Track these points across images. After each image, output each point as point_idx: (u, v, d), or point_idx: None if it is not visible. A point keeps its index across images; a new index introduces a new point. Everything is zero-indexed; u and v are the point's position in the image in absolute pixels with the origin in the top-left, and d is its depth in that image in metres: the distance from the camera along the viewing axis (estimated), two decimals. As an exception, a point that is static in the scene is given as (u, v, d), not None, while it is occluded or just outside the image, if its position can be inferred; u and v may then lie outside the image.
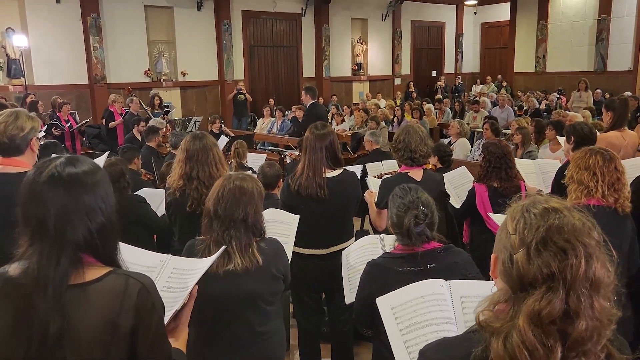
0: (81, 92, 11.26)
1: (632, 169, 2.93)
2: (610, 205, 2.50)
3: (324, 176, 3.11)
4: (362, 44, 16.47)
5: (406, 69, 17.72)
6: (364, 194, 3.47)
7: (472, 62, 19.60)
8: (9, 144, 2.52)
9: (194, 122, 10.22)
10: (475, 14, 19.39)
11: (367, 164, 5.00)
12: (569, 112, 8.57)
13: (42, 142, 2.79)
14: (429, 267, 2.05)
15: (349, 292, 2.50)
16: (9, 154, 2.54)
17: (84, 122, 9.18)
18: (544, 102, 12.21)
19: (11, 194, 2.41)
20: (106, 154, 4.43)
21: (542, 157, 5.48)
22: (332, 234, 3.23)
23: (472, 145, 7.75)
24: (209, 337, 2.25)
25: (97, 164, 1.38)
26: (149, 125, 6.46)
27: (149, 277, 1.38)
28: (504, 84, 16.22)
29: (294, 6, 14.60)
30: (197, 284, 1.60)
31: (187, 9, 12.60)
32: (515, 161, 3.76)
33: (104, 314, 1.27)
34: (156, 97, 10.34)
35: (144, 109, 9.23)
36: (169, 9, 12.41)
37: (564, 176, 2.66)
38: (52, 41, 10.74)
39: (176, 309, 1.52)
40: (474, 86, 17.11)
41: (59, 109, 8.66)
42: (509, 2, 16.69)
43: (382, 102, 13.63)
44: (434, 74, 18.48)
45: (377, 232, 3.68)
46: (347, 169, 3.35)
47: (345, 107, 12.24)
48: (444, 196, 3.44)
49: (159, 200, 3.80)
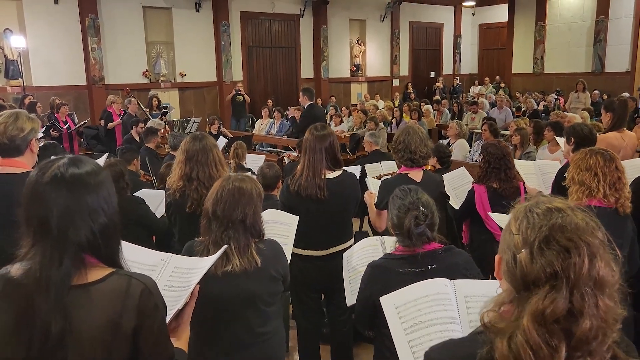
0: (79, 93, 11.24)
1: (632, 169, 2.93)
2: (611, 205, 2.51)
3: (323, 177, 3.11)
4: (360, 45, 16.48)
5: (404, 70, 17.73)
6: (364, 195, 3.47)
7: (470, 63, 19.64)
8: (9, 145, 2.53)
9: (193, 123, 10.23)
10: (473, 15, 19.43)
11: (366, 165, 5.00)
12: (567, 113, 8.58)
13: (42, 144, 2.79)
14: (429, 268, 2.05)
15: (350, 294, 2.50)
16: (8, 154, 2.55)
17: (82, 123, 9.16)
18: (542, 103, 12.24)
19: (11, 194, 2.43)
20: (105, 155, 4.42)
21: (541, 158, 5.49)
22: (332, 234, 3.23)
23: (470, 146, 7.76)
24: (209, 338, 2.25)
25: (100, 164, 1.38)
26: (148, 126, 6.45)
27: (151, 278, 1.38)
28: (502, 85, 16.23)
29: (292, 7, 14.60)
30: (198, 284, 1.60)
31: (185, 9, 12.60)
32: (515, 162, 3.76)
33: (106, 314, 1.27)
34: (154, 98, 10.32)
35: (143, 110, 9.22)
36: (167, 10, 12.40)
37: (564, 178, 2.67)
38: (50, 42, 10.72)
39: (178, 309, 1.52)
40: (472, 87, 17.13)
41: (57, 110, 8.63)
42: (507, 4, 16.72)
43: (381, 103, 13.63)
44: (432, 75, 18.50)
45: (376, 233, 3.68)
46: (347, 170, 3.35)
47: (343, 108, 12.23)
48: (444, 197, 3.44)
49: (158, 201, 3.80)
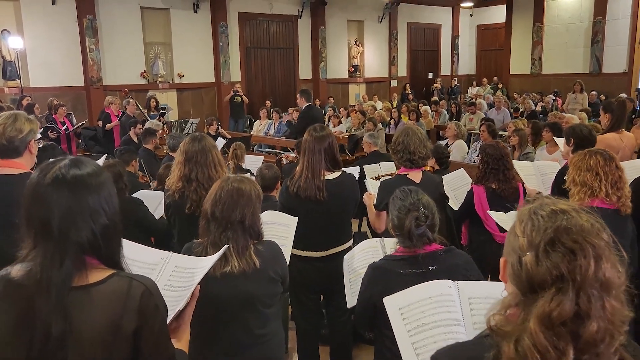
0: (77, 94, 11.22)
1: (630, 170, 2.93)
2: (613, 205, 2.51)
3: (322, 178, 3.11)
4: (358, 46, 16.48)
5: (402, 70, 17.75)
6: (363, 196, 3.47)
7: (468, 64, 19.66)
8: (8, 146, 2.54)
9: (191, 124, 10.22)
10: (471, 16, 19.46)
11: (364, 166, 5.00)
12: (565, 114, 8.60)
13: (41, 145, 2.79)
14: (430, 269, 2.05)
15: (351, 296, 2.49)
16: (7, 155, 2.55)
17: (80, 124, 9.14)
18: (540, 104, 12.25)
19: (9, 195, 2.42)
20: (104, 156, 4.41)
21: (539, 158, 5.49)
22: (331, 236, 3.22)
23: (469, 147, 7.77)
24: (208, 339, 2.24)
25: (101, 166, 1.38)
26: (146, 127, 6.42)
27: (152, 280, 1.37)
28: (500, 86, 16.25)
29: (290, 8, 14.60)
30: (198, 284, 1.59)
31: (183, 10, 12.59)
32: (514, 163, 3.76)
33: (107, 316, 1.27)
34: (152, 99, 10.32)
35: (141, 110, 9.21)
36: (165, 11, 12.39)
37: (565, 181, 2.67)
38: (48, 43, 10.70)
39: (179, 309, 1.51)
40: (470, 88, 17.13)
41: (55, 111, 8.60)
42: (505, 5, 16.74)
43: (379, 104, 13.64)
44: (430, 75, 18.51)
45: (375, 234, 3.68)
46: (346, 171, 3.35)
47: (342, 109, 12.23)
48: (443, 198, 3.44)
49: (157, 202, 3.79)
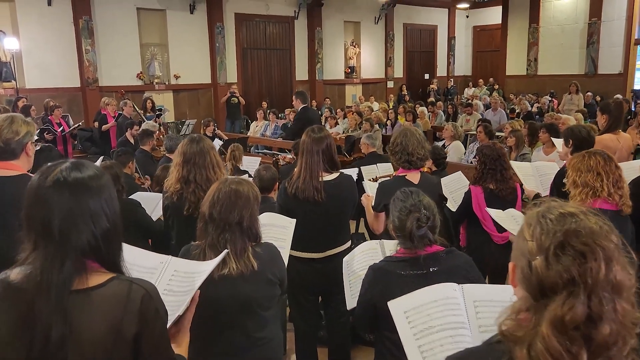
0: (73, 95, 11.17)
1: (627, 172, 2.94)
2: (614, 204, 2.52)
3: (320, 179, 3.10)
4: (355, 47, 16.49)
5: (399, 71, 17.76)
6: (361, 198, 3.46)
7: (464, 65, 19.69)
8: (4, 148, 2.54)
9: (188, 125, 10.19)
10: (467, 17, 19.49)
11: (362, 167, 4.99)
12: (561, 114, 8.62)
13: (38, 147, 2.78)
14: (431, 270, 2.05)
15: (351, 298, 2.49)
16: (3, 157, 2.56)
17: (76, 125, 9.10)
18: (536, 105, 12.28)
19: (5, 196, 2.42)
20: (100, 158, 4.40)
21: (536, 159, 5.50)
22: (329, 237, 3.22)
23: (465, 148, 7.78)
24: (206, 342, 2.23)
25: (101, 168, 1.37)
26: (143, 128, 6.39)
27: (152, 284, 1.37)
28: (496, 87, 16.29)
29: (286, 9, 14.60)
30: (198, 289, 1.58)
31: (179, 11, 12.56)
32: (512, 164, 3.77)
33: (107, 319, 1.26)
34: (148, 100, 10.29)
35: (137, 112, 9.19)
36: (161, 12, 12.36)
37: (564, 183, 2.67)
38: (44, 44, 10.65)
39: (178, 314, 1.50)
40: (466, 89, 17.17)
41: (51, 112, 8.57)
42: (501, 6, 16.79)
43: (375, 105, 13.64)
44: (427, 76, 18.52)
45: (373, 236, 3.68)
46: (344, 172, 3.34)
47: (338, 110, 12.23)
48: (441, 199, 3.44)
49: (154, 204, 3.77)
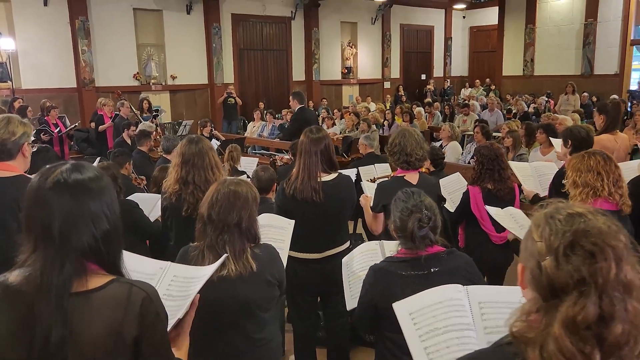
0: (69, 95, 11.14)
1: (625, 172, 2.94)
2: (615, 203, 2.52)
3: (319, 180, 3.10)
4: (351, 48, 16.50)
5: (395, 72, 17.79)
6: (359, 198, 3.46)
7: (460, 65, 19.74)
8: (0, 149, 2.52)
9: (184, 126, 10.16)
10: (464, 17, 19.54)
11: (360, 168, 4.98)
12: (558, 115, 8.64)
13: (35, 149, 2.77)
14: (432, 270, 2.05)
15: (350, 298, 2.48)
16: (0, 158, 2.53)
17: (72, 126, 9.07)
18: (533, 106, 12.31)
19: (2, 198, 2.40)
20: (97, 159, 4.38)
21: (533, 160, 5.51)
22: (328, 237, 3.21)
23: (463, 148, 7.78)
24: (205, 344, 2.22)
25: (102, 170, 1.36)
26: (141, 129, 6.36)
27: (152, 286, 1.36)
28: (493, 87, 16.32)
29: (283, 9, 14.60)
30: (198, 293, 1.57)
31: (176, 12, 12.54)
32: (511, 164, 3.77)
33: (107, 322, 1.25)
34: (145, 101, 10.24)
35: (134, 112, 9.15)
36: (158, 12, 12.34)
37: (564, 184, 2.67)
38: (40, 44, 10.62)
39: (178, 318, 1.50)
40: (463, 89, 17.21)
41: (47, 113, 8.53)
42: (497, 7, 16.82)
43: (372, 106, 13.65)
44: (423, 77, 18.56)
45: (371, 236, 3.67)
46: (342, 172, 3.34)
47: (335, 111, 12.23)
48: (440, 200, 3.44)
49: (151, 205, 3.76)
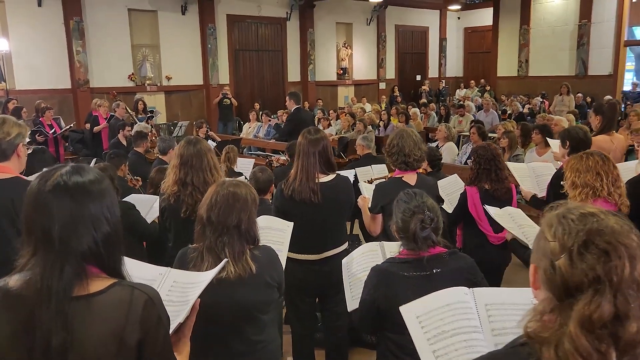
0: (64, 96, 11.08)
1: (624, 172, 2.96)
2: (614, 203, 2.53)
3: (317, 181, 3.09)
4: (347, 48, 16.51)
5: (391, 73, 17.80)
6: (357, 199, 3.45)
7: (455, 66, 19.78)
8: None
9: (180, 127, 10.13)
10: (458, 18, 19.58)
11: (357, 169, 4.97)
12: (553, 116, 8.68)
13: (30, 150, 2.75)
14: (434, 271, 2.05)
15: (351, 300, 2.48)
16: None
17: (67, 127, 9.03)
18: (527, 106, 12.35)
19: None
20: (94, 160, 4.35)
21: (529, 160, 5.53)
22: (326, 239, 3.20)
23: (458, 149, 7.80)
24: (204, 347, 2.20)
25: (102, 173, 1.35)
26: (137, 130, 6.32)
27: (154, 289, 1.35)
28: (488, 88, 16.37)
29: (278, 10, 14.59)
30: (199, 297, 1.56)
31: (171, 12, 12.51)
32: (509, 165, 3.78)
33: (109, 326, 1.24)
34: (140, 102, 10.21)
35: (130, 113, 9.12)
36: (153, 13, 12.30)
37: (562, 186, 2.68)
38: (34, 45, 10.56)
39: (179, 322, 1.49)
40: (458, 90, 17.25)
41: (42, 114, 8.48)
42: (492, 8, 16.87)
43: (368, 106, 13.67)
44: (418, 78, 18.59)
45: (368, 237, 3.67)
46: (341, 173, 3.33)
47: (331, 112, 12.23)
48: (438, 201, 3.44)
49: (148, 206, 3.74)
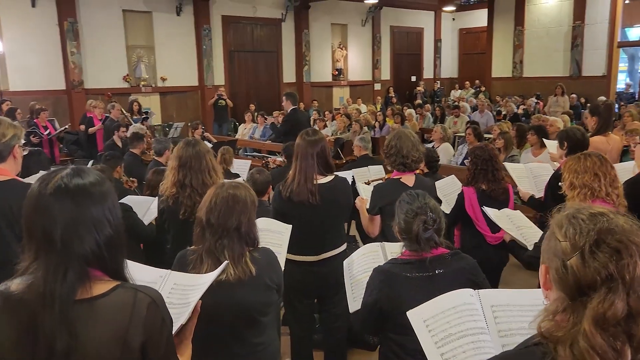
0: (58, 97, 11.03)
1: (621, 173, 2.97)
2: (612, 203, 2.54)
3: (315, 182, 3.09)
4: (342, 49, 16.52)
5: (386, 74, 17.83)
6: (355, 201, 3.45)
7: (450, 67, 19.83)
8: None
9: (175, 128, 10.10)
10: (453, 20, 19.65)
11: (354, 170, 4.96)
12: (548, 116, 8.71)
13: (26, 152, 2.73)
14: (437, 272, 2.05)
15: (353, 301, 2.48)
16: None
17: (62, 128, 9.00)
18: (522, 107, 12.39)
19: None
20: (90, 162, 4.33)
21: (525, 161, 5.54)
22: (324, 240, 3.20)
23: (454, 149, 7.82)
24: (204, 349, 2.20)
25: (103, 175, 1.34)
26: (134, 131, 6.28)
27: (157, 291, 1.34)
28: (482, 89, 16.41)
29: (274, 11, 14.58)
30: (200, 299, 1.56)
31: (166, 13, 12.48)
32: (507, 166, 3.79)
33: (113, 329, 1.23)
34: (135, 103, 10.18)
35: (125, 115, 9.09)
36: (147, 14, 12.27)
37: (560, 187, 2.69)
38: (28, 46, 10.50)
39: (181, 324, 1.48)
40: (453, 91, 17.28)
41: (37, 115, 8.44)
42: (487, 9, 16.93)
43: (363, 107, 13.67)
44: (413, 79, 18.62)
45: (366, 238, 3.67)
46: (339, 175, 3.33)
47: (327, 113, 12.24)
48: (436, 202, 3.44)
49: (145, 208, 3.72)
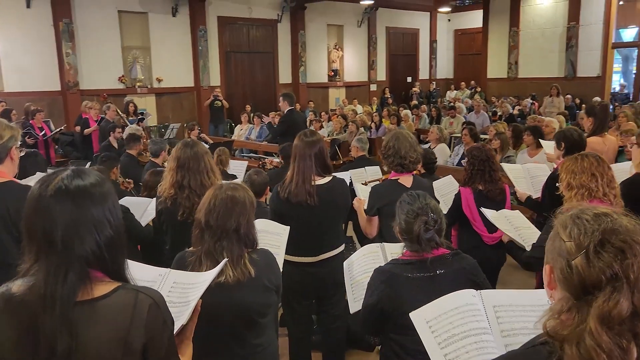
0: (53, 98, 10.99)
1: (618, 173, 2.98)
2: (609, 204, 2.55)
3: (313, 183, 3.09)
4: (338, 50, 16.53)
5: (382, 74, 17.86)
6: (353, 201, 3.46)
7: (446, 68, 19.88)
8: None
9: (171, 129, 10.07)
10: (449, 20, 19.70)
11: (351, 171, 4.97)
12: (544, 117, 8.74)
13: (23, 153, 2.72)
14: (438, 272, 2.06)
15: (353, 301, 2.48)
16: None
17: (58, 129, 8.97)
18: (517, 108, 12.43)
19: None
20: (88, 163, 4.32)
21: (521, 162, 5.56)
22: (323, 241, 3.20)
23: (450, 150, 7.83)
24: (204, 351, 2.19)
25: (103, 176, 1.33)
26: (131, 133, 6.26)
27: (158, 292, 1.34)
28: (478, 89, 16.45)
29: (270, 12, 14.58)
30: (200, 299, 1.56)
31: (161, 14, 12.45)
32: (504, 166, 3.80)
33: (114, 331, 1.23)
34: (131, 104, 10.15)
35: (121, 116, 9.06)
36: (143, 15, 12.24)
37: (557, 187, 2.70)
38: (23, 47, 10.46)
39: (182, 324, 1.48)
40: (448, 92, 17.33)
41: (32, 117, 8.41)
42: (482, 10, 16.98)
43: (359, 108, 13.69)
44: (409, 79, 18.66)
45: (364, 239, 3.67)
46: (337, 176, 3.33)
47: (323, 113, 12.24)
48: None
49: (142, 209, 3.72)
